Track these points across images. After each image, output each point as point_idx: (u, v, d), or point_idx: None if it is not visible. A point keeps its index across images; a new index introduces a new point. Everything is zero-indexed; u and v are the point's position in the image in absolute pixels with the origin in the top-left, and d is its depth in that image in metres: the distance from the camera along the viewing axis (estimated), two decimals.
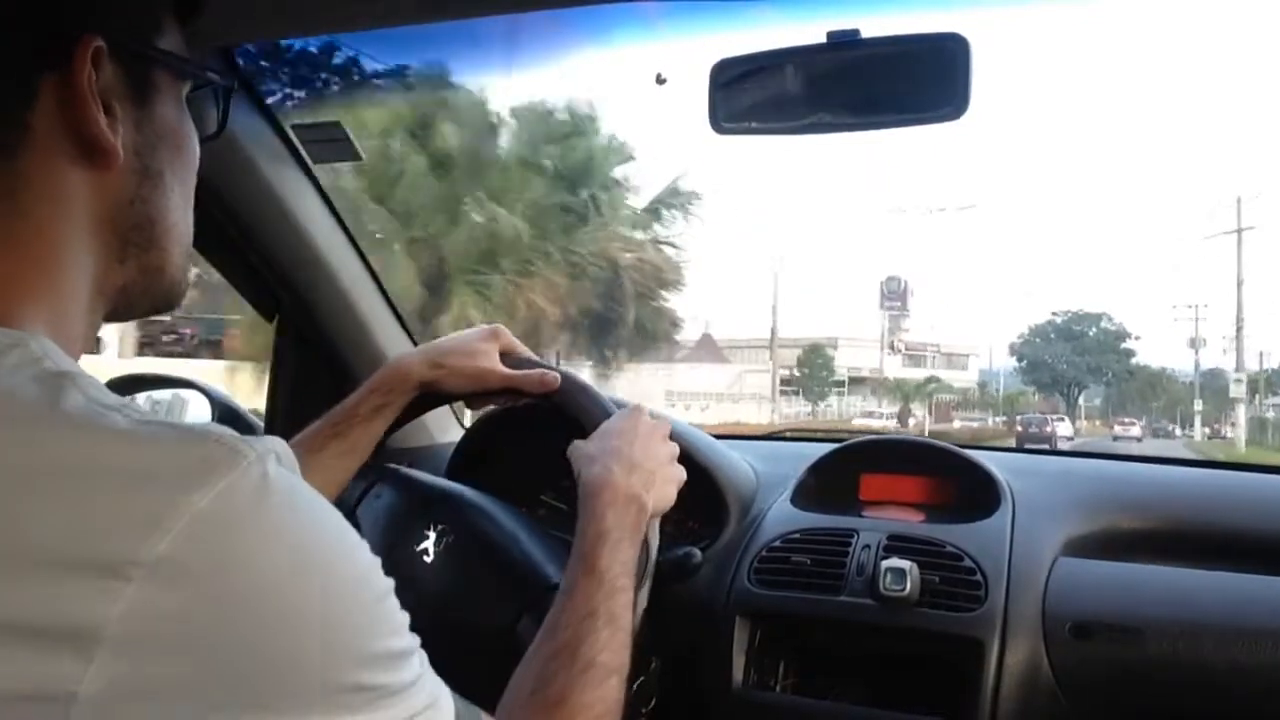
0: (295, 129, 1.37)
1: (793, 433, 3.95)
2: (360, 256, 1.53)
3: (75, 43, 0.53)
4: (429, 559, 1.02)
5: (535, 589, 0.96)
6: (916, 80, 1.04)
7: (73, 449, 0.45)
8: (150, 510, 0.43)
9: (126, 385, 1.56)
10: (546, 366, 1.02)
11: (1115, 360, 46.18)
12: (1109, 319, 46.90)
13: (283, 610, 0.45)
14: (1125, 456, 2.12)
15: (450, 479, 1.18)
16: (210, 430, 0.48)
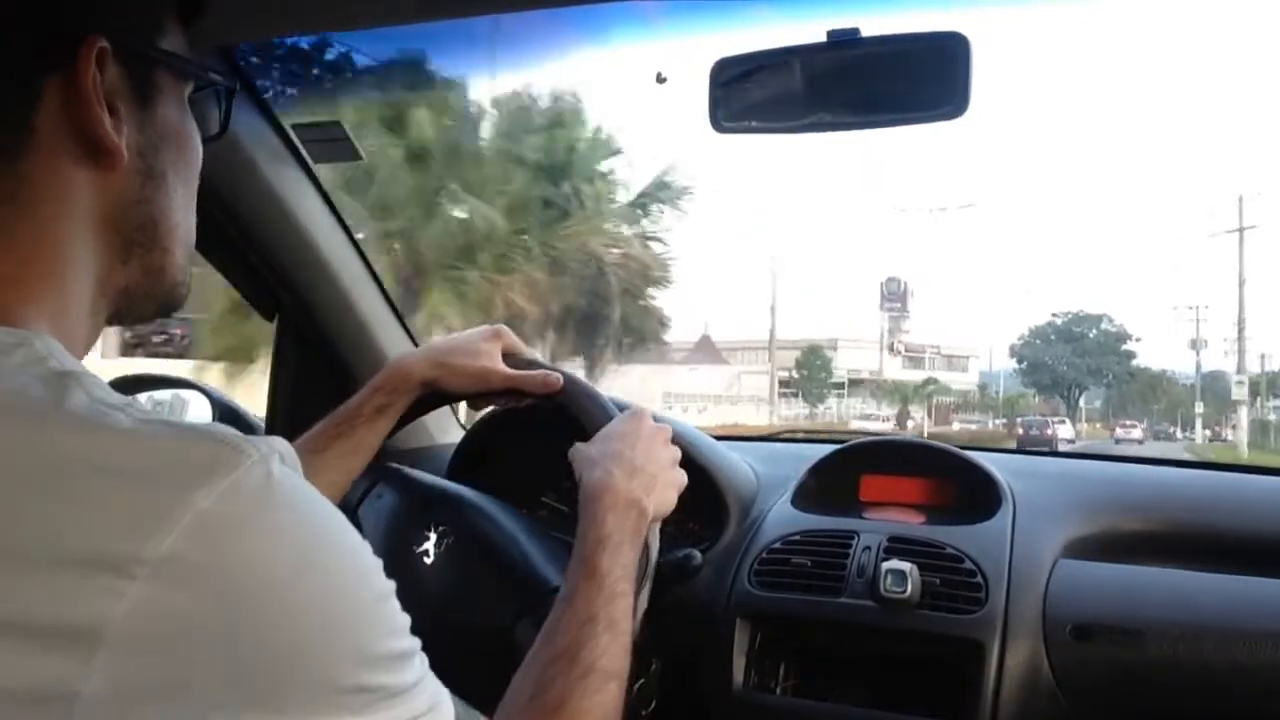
0: (295, 129, 1.37)
1: (793, 434, 3.95)
2: (361, 256, 1.53)
3: (79, 43, 0.53)
4: (429, 560, 1.01)
5: (535, 591, 0.96)
6: (917, 79, 1.04)
7: (77, 448, 0.45)
8: (154, 509, 0.43)
9: (128, 385, 1.56)
10: (549, 368, 1.02)
11: (1116, 362, 46.12)
12: (1109, 320, 46.89)
13: (285, 609, 0.45)
14: (1125, 458, 2.12)
15: (450, 480, 1.18)
16: (213, 429, 0.48)
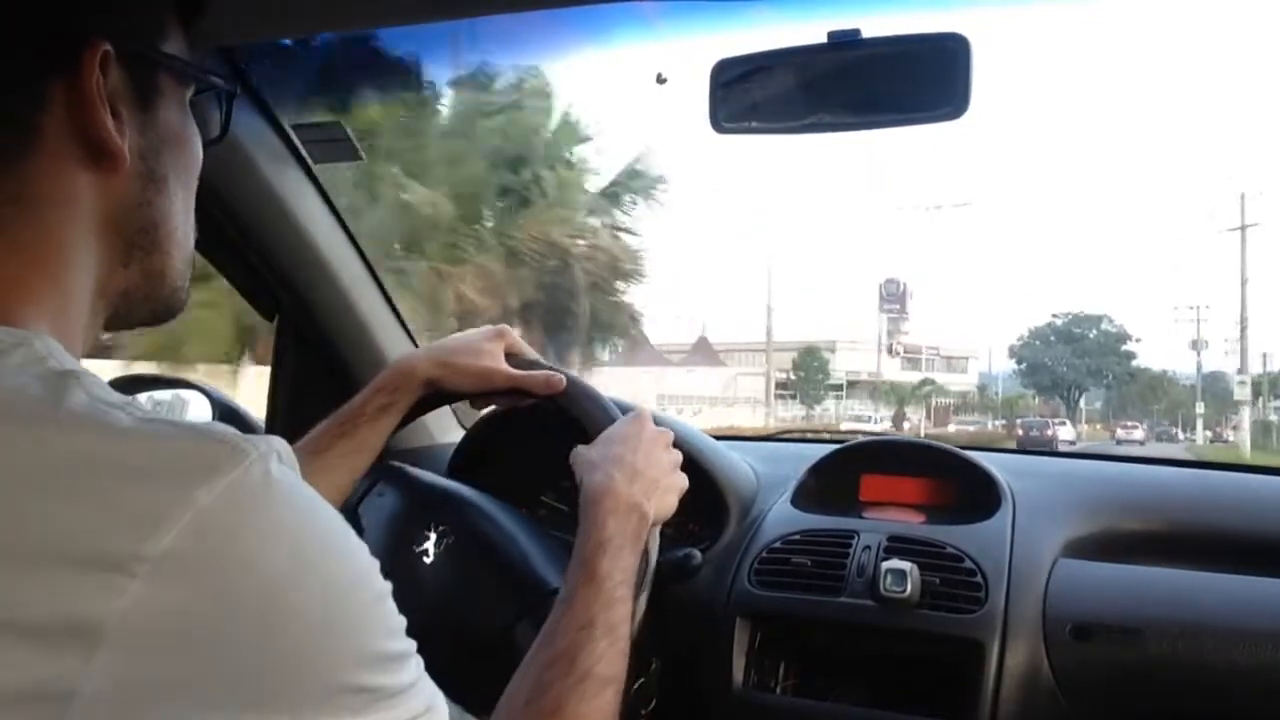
0: (295, 129, 1.37)
1: (792, 434, 3.95)
2: (361, 256, 1.53)
3: (83, 46, 0.53)
4: (429, 559, 1.02)
5: (534, 592, 0.96)
6: (917, 80, 1.04)
7: (76, 446, 0.45)
8: (153, 507, 0.43)
9: (128, 385, 1.56)
10: (551, 368, 1.03)
11: (1116, 362, 46.04)
12: (1109, 321, 46.79)
13: (283, 608, 0.45)
14: (1125, 458, 2.12)
15: (450, 479, 1.18)
16: (213, 428, 0.48)
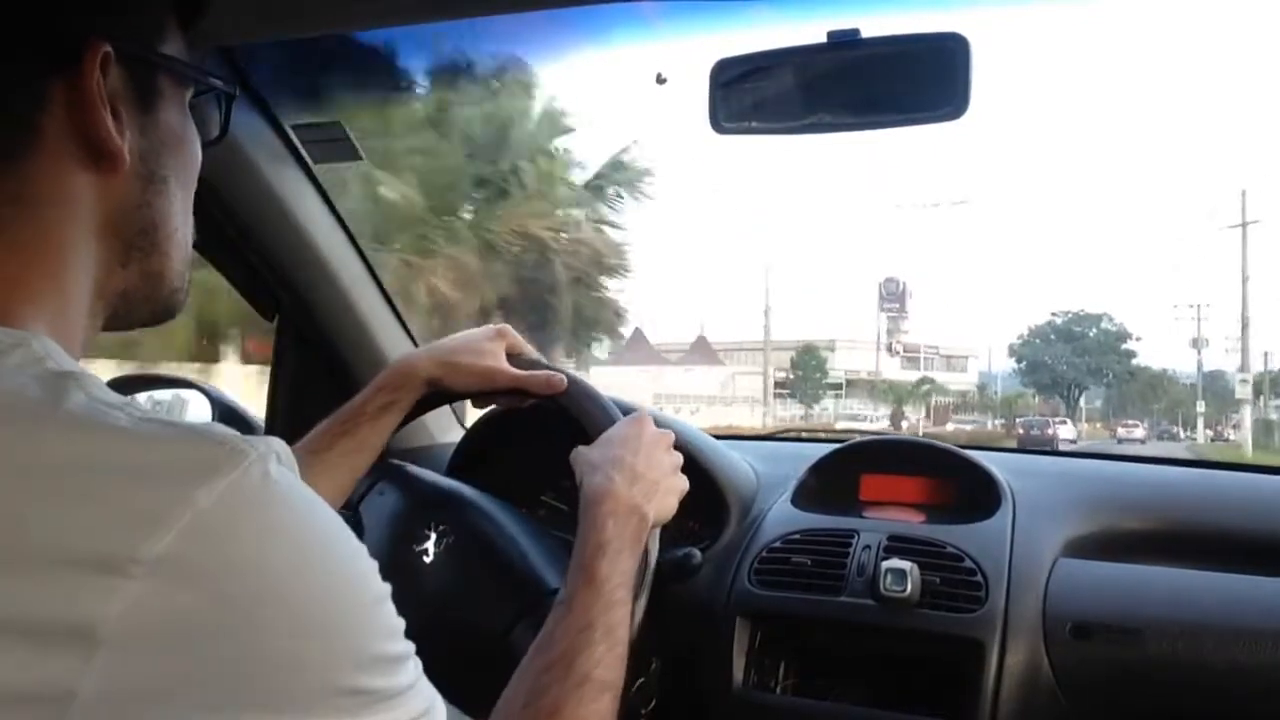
0: (295, 129, 1.37)
1: (793, 434, 3.96)
2: (361, 257, 1.53)
3: (84, 47, 0.53)
4: (428, 559, 1.02)
5: (533, 593, 0.96)
6: (916, 80, 1.04)
7: (75, 447, 0.45)
8: (152, 508, 0.43)
9: (128, 385, 1.56)
10: (553, 368, 1.03)
11: (1116, 361, 45.98)
12: (1109, 319, 46.72)
13: (282, 610, 0.45)
14: (1126, 457, 2.12)
15: (450, 479, 1.18)
16: (212, 429, 0.48)
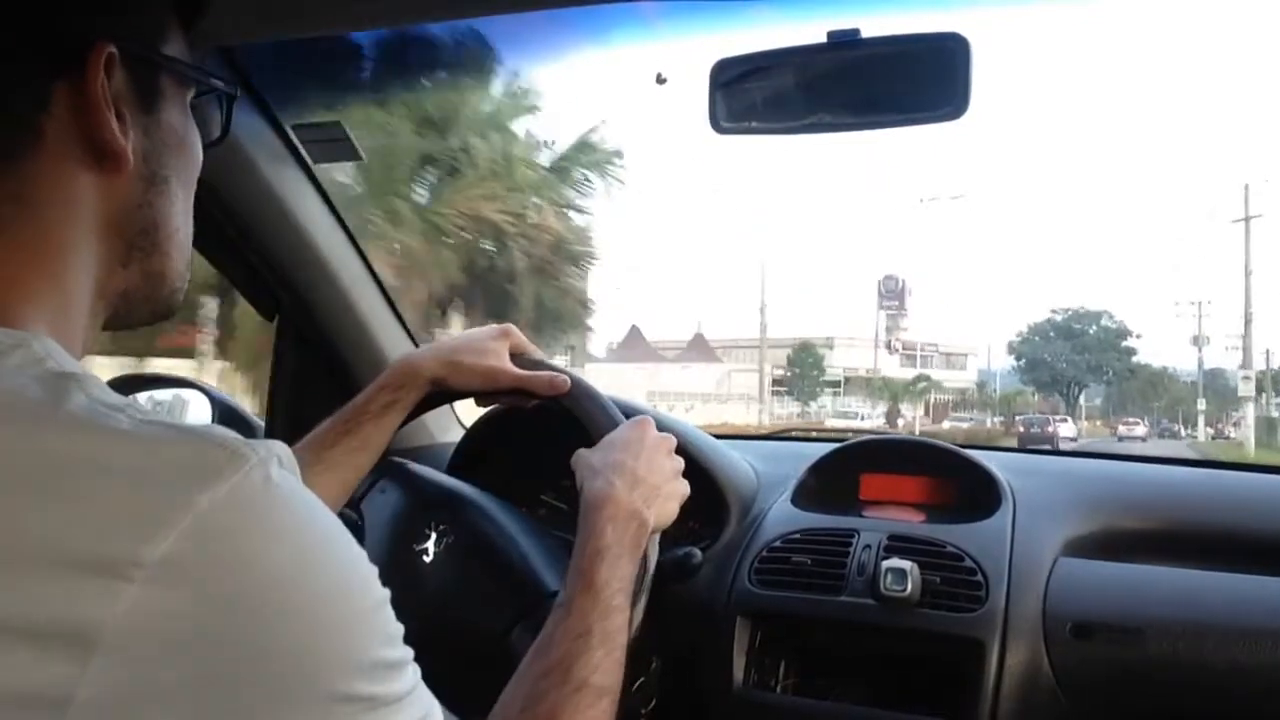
0: (295, 129, 1.37)
1: (793, 433, 3.96)
2: (361, 256, 1.53)
3: (88, 49, 0.53)
4: (428, 559, 1.02)
5: (532, 596, 0.96)
6: (916, 80, 1.04)
7: (75, 448, 0.44)
8: (152, 510, 0.43)
9: (128, 385, 1.56)
10: (556, 369, 1.03)
11: (1116, 359, 45.93)
12: (1109, 316, 46.67)
13: (282, 614, 0.44)
14: (1126, 456, 2.12)
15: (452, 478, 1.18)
16: (213, 432, 0.48)
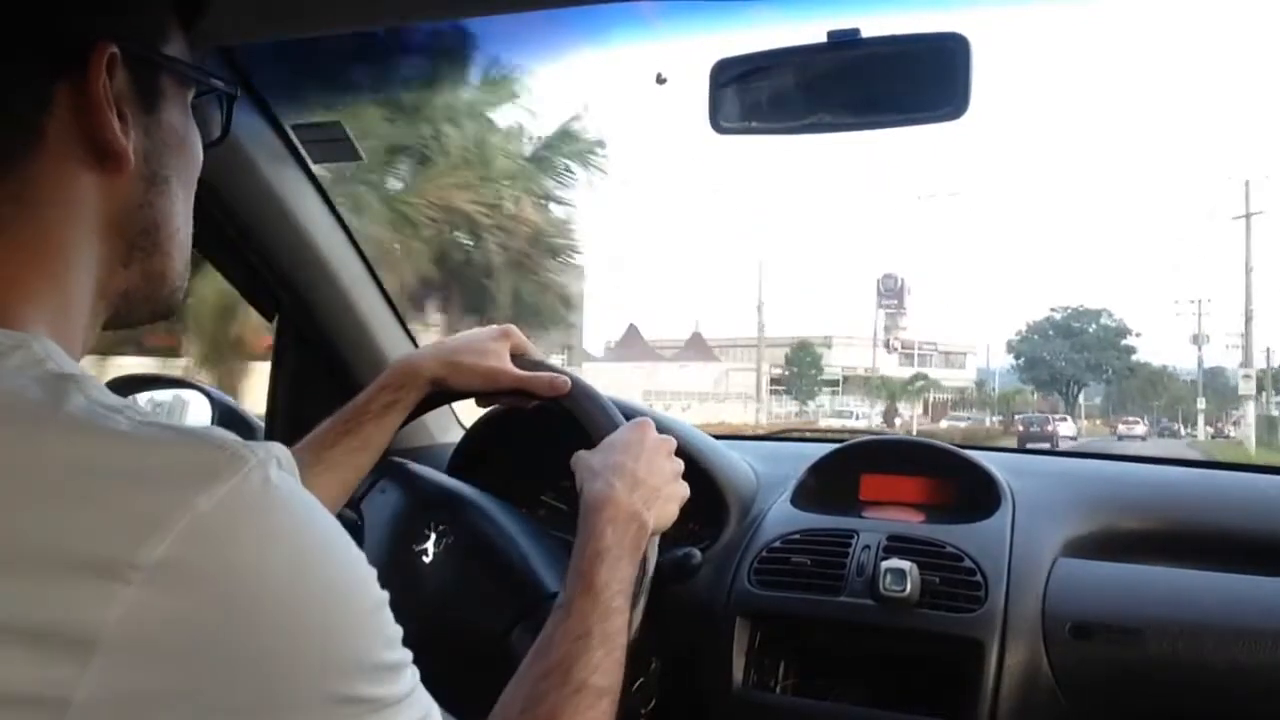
0: (295, 129, 1.37)
1: (793, 433, 3.96)
2: (360, 256, 1.53)
3: (90, 50, 0.53)
4: (428, 559, 1.02)
5: (532, 596, 0.96)
6: (916, 80, 1.04)
7: (74, 450, 0.44)
8: (150, 512, 0.42)
9: (127, 385, 1.56)
10: (557, 370, 1.03)
11: (1115, 357, 45.91)
12: (1109, 315, 46.68)
13: (280, 616, 0.44)
14: (1126, 457, 2.12)
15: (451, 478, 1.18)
16: (212, 434, 0.48)
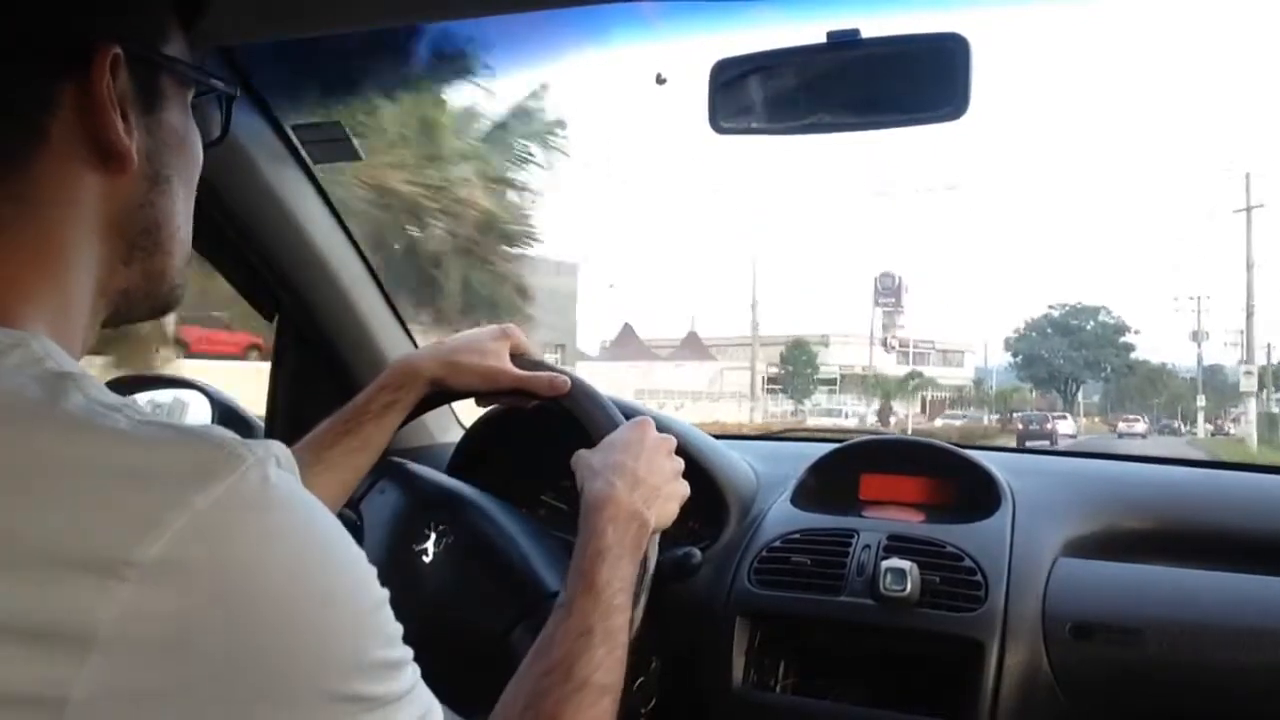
0: (295, 129, 1.37)
1: (793, 433, 3.96)
2: (360, 256, 1.53)
3: (94, 51, 0.53)
4: (428, 559, 1.02)
5: (532, 596, 0.96)
6: (916, 80, 1.04)
7: (72, 448, 0.44)
8: (148, 511, 0.43)
9: (127, 385, 1.56)
10: (556, 370, 1.03)
11: (1114, 355, 45.79)
12: (1107, 312, 46.52)
13: (279, 615, 0.44)
14: (1127, 456, 2.12)
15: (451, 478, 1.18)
16: (211, 432, 0.48)
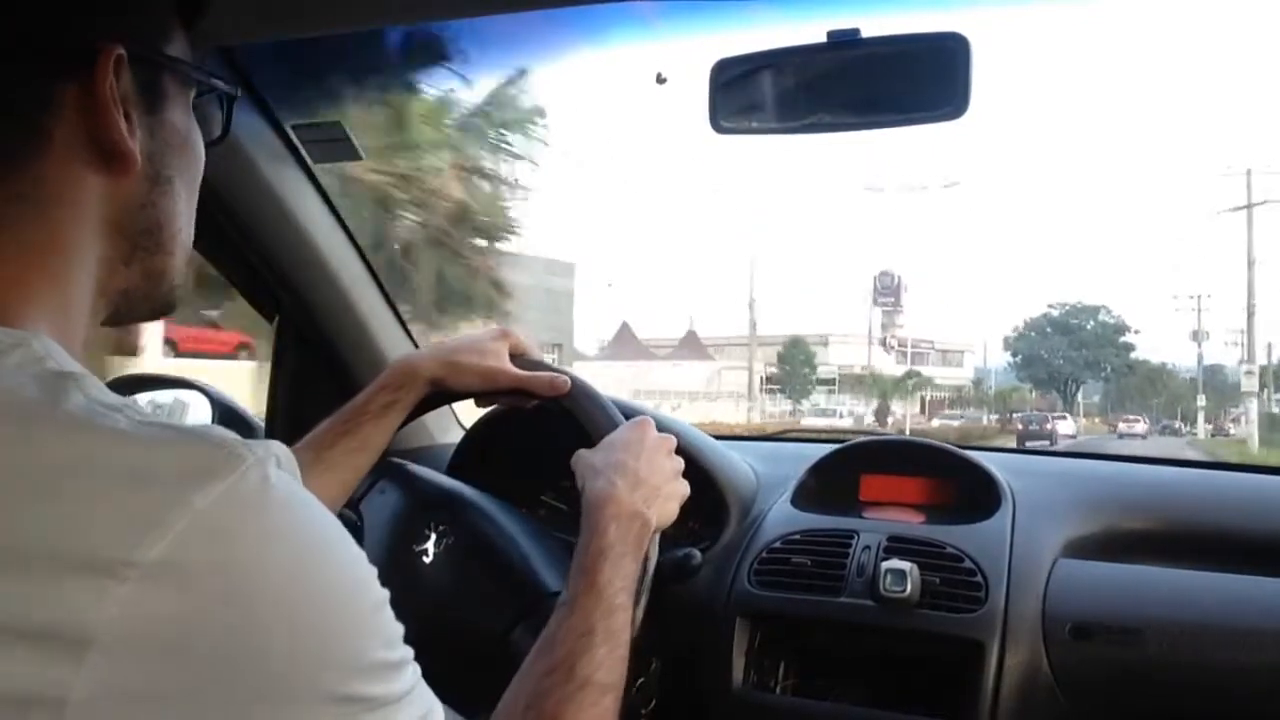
0: (295, 129, 1.37)
1: (793, 434, 3.96)
2: (361, 257, 1.53)
3: (97, 52, 0.53)
4: (428, 559, 1.02)
5: (533, 596, 0.96)
6: (916, 80, 1.04)
7: (72, 448, 0.44)
8: (148, 511, 0.42)
9: (128, 386, 1.56)
10: (556, 370, 1.03)
11: (1114, 354, 45.73)
12: (1107, 311, 46.46)
13: (279, 615, 0.44)
14: (1126, 457, 2.12)
15: (450, 479, 1.18)
16: (211, 432, 0.48)
